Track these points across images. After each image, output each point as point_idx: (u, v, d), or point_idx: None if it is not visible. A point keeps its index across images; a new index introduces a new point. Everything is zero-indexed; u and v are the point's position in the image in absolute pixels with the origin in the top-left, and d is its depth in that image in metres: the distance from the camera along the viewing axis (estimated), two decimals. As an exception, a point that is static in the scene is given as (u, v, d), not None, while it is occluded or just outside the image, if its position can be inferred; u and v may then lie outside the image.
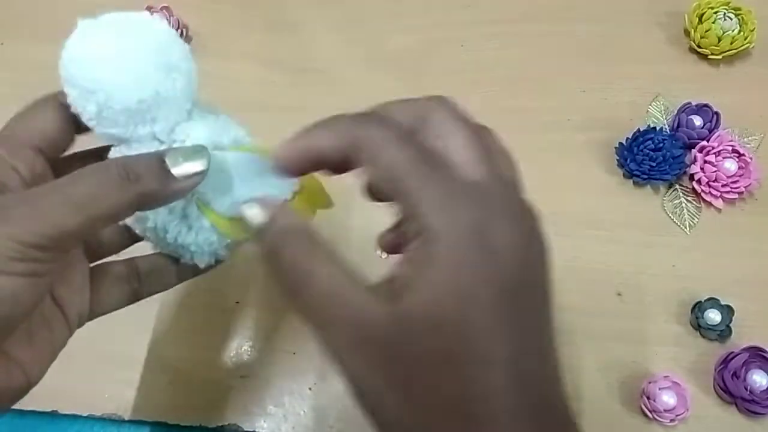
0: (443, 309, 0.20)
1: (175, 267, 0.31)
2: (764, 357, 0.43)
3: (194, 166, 0.25)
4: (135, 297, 0.31)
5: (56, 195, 0.22)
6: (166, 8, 0.58)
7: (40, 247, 0.22)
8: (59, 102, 0.27)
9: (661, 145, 0.49)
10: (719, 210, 0.50)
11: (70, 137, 0.28)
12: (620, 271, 0.48)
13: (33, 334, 0.26)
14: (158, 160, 0.24)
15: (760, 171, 0.49)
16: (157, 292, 0.31)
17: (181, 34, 0.58)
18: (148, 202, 0.24)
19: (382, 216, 0.50)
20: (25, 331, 0.25)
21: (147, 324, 0.47)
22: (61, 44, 0.25)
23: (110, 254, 0.31)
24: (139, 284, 0.30)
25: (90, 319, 0.29)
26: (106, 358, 0.46)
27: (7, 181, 0.25)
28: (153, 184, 0.23)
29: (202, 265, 0.30)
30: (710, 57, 0.55)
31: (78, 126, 0.27)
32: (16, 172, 0.25)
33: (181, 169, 0.24)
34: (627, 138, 0.51)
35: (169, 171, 0.24)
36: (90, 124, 0.26)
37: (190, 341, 0.46)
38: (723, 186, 0.49)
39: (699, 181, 0.49)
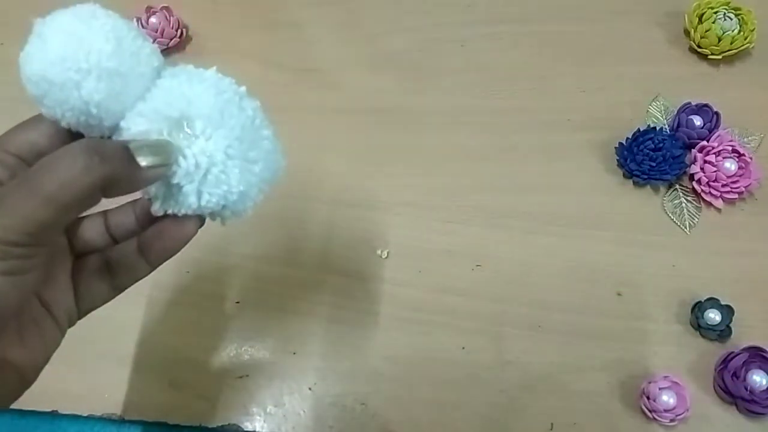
0: None
1: (142, 258, 0.30)
2: (764, 357, 0.43)
3: (159, 159, 0.25)
4: (114, 290, 0.30)
5: (25, 188, 0.22)
6: (166, 8, 0.57)
7: (18, 244, 0.22)
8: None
9: (661, 145, 0.49)
10: (719, 210, 0.50)
11: None
12: (620, 271, 0.48)
13: (24, 336, 0.26)
14: (122, 147, 0.24)
15: (760, 171, 0.49)
16: (133, 282, 0.30)
17: (181, 35, 0.58)
18: (113, 186, 0.24)
19: (382, 216, 0.50)
20: (15, 333, 0.26)
21: (147, 324, 0.47)
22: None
23: (93, 251, 0.31)
24: (111, 276, 0.30)
25: (80, 317, 0.29)
26: (106, 358, 0.46)
27: None
28: (118, 168, 0.23)
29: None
30: (710, 57, 0.55)
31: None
32: None
33: (145, 159, 0.24)
34: (627, 138, 0.51)
35: (134, 158, 0.24)
36: (89, 115, 0.25)
37: (190, 341, 0.46)
38: (723, 186, 0.49)
39: (699, 181, 0.49)
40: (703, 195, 0.49)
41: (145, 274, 0.30)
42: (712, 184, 0.49)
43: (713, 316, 0.44)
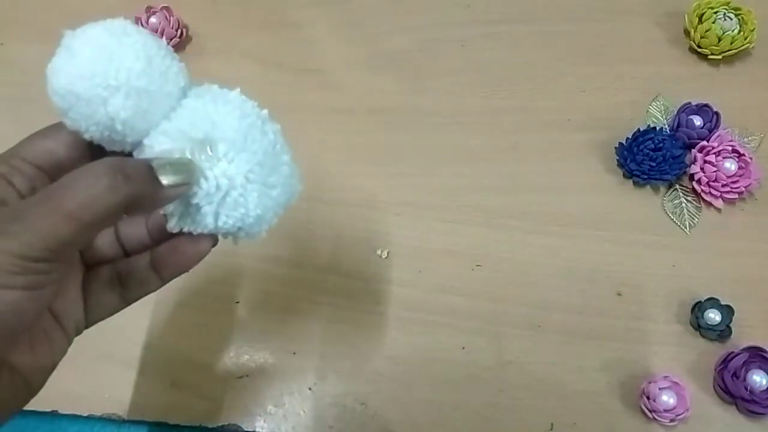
0: None
1: (153, 272, 0.30)
2: (764, 357, 0.43)
3: (181, 178, 0.25)
4: (124, 302, 0.30)
5: (47, 205, 0.22)
6: (166, 8, 0.58)
7: (38, 260, 0.22)
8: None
9: (661, 145, 0.49)
10: (719, 210, 0.50)
11: (80, 165, 0.27)
12: (620, 271, 0.48)
13: (33, 344, 0.26)
14: (146, 166, 0.24)
15: (760, 171, 0.49)
16: (143, 296, 0.31)
17: (181, 35, 0.58)
18: (136, 205, 0.24)
19: (382, 216, 0.50)
20: (26, 342, 0.26)
21: (147, 324, 0.47)
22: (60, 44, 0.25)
23: (104, 261, 0.31)
24: (122, 289, 0.30)
25: (87, 326, 0.29)
26: (106, 358, 0.46)
27: (4, 197, 0.25)
28: (141, 187, 0.23)
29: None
30: (710, 57, 0.55)
31: (91, 156, 0.27)
32: (13, 187, 0.25)
33: (167, 179, 0.24)
34: (627, 138, 0.51)
35: (156, 177, 0.24)
36: (113, 133, 0.25)
37: (190, 341, 0.46)
38: (723, 186, 0.49)
39: (699, 181, 0.49)
40: (703, 195, 0.49)
41: (155, 288, 0.30)
42: (712, 184, 0.49)
43: (713, 316, 0.44)
